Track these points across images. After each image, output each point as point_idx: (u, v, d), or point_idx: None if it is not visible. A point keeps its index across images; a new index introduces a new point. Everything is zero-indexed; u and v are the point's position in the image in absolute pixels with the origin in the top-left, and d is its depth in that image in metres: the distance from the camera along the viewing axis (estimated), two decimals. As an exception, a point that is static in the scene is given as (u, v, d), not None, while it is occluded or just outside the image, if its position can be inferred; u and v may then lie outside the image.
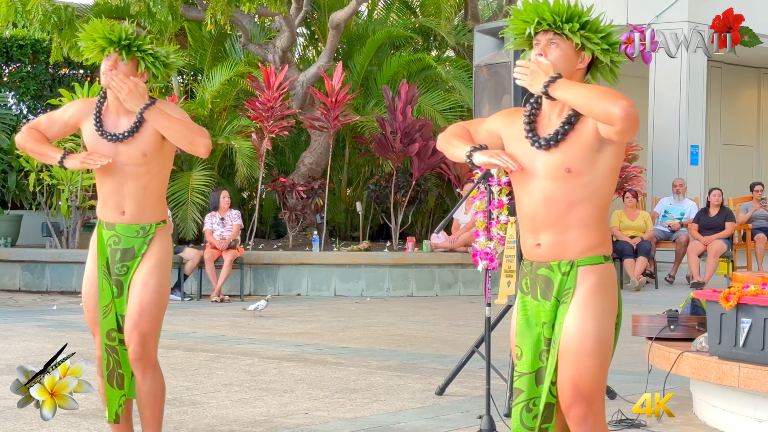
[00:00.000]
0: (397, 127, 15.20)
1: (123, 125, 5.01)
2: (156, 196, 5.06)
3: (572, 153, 3.93)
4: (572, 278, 3.96)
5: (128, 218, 5.02)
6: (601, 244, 3.99)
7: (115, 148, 4.98)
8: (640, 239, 15.96)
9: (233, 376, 8.25)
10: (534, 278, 4.03)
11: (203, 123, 15.77)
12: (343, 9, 15.77)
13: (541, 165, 3.96)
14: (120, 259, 5.02)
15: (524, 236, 4.05)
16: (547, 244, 3.98)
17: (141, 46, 5.04)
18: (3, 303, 13.20)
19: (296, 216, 15.37)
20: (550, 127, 4.00)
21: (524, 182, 4.01)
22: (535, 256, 4.02)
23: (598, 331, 3.93)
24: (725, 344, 6.26)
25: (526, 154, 3.99)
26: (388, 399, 7.44)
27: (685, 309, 7.08)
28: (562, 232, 3.97)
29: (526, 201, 4.01)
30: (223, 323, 11.56)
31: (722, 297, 6.19)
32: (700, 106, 19.04)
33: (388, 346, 10.00)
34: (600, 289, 3.96)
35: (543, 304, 4.01)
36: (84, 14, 15.55)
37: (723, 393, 6.47)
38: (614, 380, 7.65)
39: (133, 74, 5.00)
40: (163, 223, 5.10)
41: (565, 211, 3.96)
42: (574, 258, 3.97)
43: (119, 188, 5.02)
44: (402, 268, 14.75)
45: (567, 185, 3.94)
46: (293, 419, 6.77)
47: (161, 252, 5.06)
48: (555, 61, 3.96)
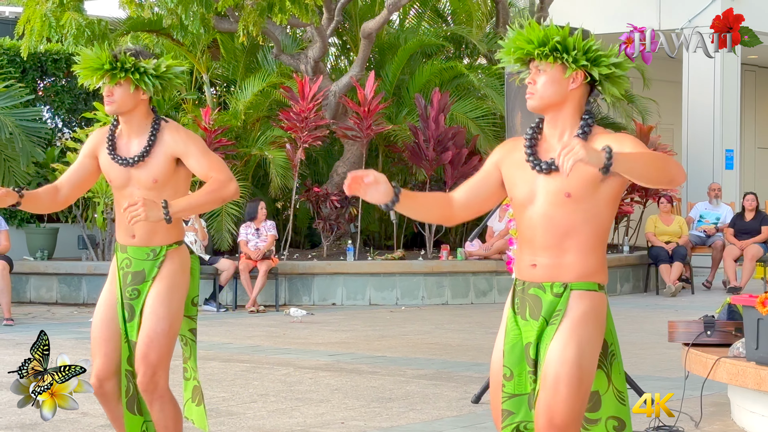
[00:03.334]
0: (429, 136, 15.20)
1: (134, 149, 4.93)
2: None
3: (573, 178, 3.85)
4: (564, 300, 3.89)
5: (138, 241, 4.92)
6: (597, 271, 3.94)
7: (127, 172, 4.91)
8: (675, 244, 15.90)
9: (269, 387, 8.27)
10: (523, 297, 3.97)
11: (236, 135, 15.84)
12: (375, 18, 15.78)
13: (541, 188, 3.92)
14: (131, 282, 4.92)
15: (521, 256, 4.01)
16: (542, 266, 3.93)
17: (124, 65, 4.87)
18: (40, 316, 13.27)
19: (330, 225, 15.39)
20: (551, 152, 3.93)
21: (524, 205, 3.97)
22: (528, 276, 3.96)
23: (579, 360, 3.83)
24: (763, 349, 6.22)
25: (526, 180, 3.96)
26: (425, 408, 7.44)
27: (722, 314, 7.04)
28: (559, 256, 3.91)
29: (525, 223, 3.97)
30: (259, 333, 11.58)
31: (759, 302, 6.16)
32: (734, 110, 18.94)
33: (424, 355, 9.99)
34: (589, 318, 3.89)
35: (530, 324, 3.93)
36: (117, 28, 15.65)
37: (762, 399, 6.43)
38: (651, 386, 7.62)
39: (129, 94, 4.89)
40: (176, 245, 4.96)
41: (563, 235, 3.91)
42: (568, 281, 3.91)
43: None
44: (436, 276, 14.74)
45: (566, 209, 3.89)
46: (329, 429, 6.77)
47: (172, 275, 4.92)
48: (543, 87, 3.94)
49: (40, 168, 15.57)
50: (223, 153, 15.35)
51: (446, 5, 18.51)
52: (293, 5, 13.73)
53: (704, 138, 18.67)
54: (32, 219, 16.31)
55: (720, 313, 7.06)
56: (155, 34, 16.46)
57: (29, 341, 10.87)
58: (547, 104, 3.95)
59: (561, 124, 3.97)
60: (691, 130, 18.77)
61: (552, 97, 3.94)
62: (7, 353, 10.07)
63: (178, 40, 15.15)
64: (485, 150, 15.86)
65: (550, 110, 3.97)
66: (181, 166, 4.90)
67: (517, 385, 3.94)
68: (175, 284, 4.93)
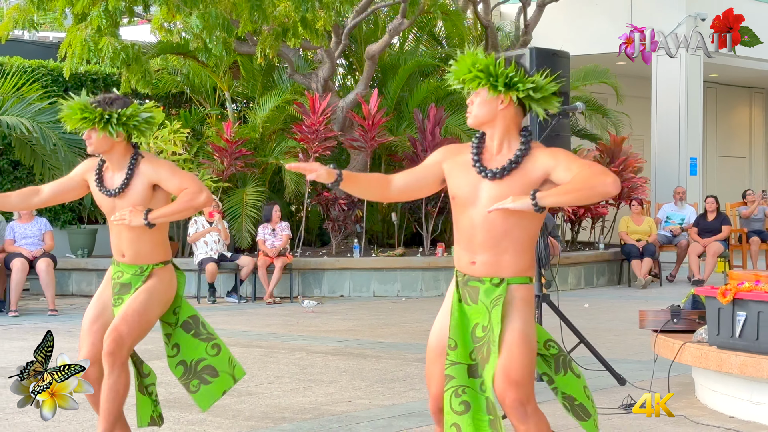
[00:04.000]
0: (426, 146, 15.19)
1: (117, 182, 5.05)
2: (152, 242, 5.02)
3: (516, 187, 3.95)
4: (503, 289, 4.00)
5: (128, 260, 5.04)
6: (530, 267, 4.06)
7: (112, 201, 5.02)
8: (645, 242, 15.90)
9: (284, 369, 8.27)
10: (464, 288, 4.09)
11: (255, 146, 15.84)
12: (378, 42, 15.80)
13: (485, 193, 4.00)
14: (118, 291, 5.03)
15: (460, 252, 4.10)
16: (482, 263, 4.03)
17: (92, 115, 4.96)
18: (81, 307, 13.28)
19: (338, 226, 15.39)
20: (494, 161, 4.05)
21: (465, 206, 4.05)
22: (468, 271, 4.08)
23: (525, 328, 3.98)
24: (723, 335, 6.22)
25: (470, 182, 4.05)
26: (423, 388, 7.43)
27: (687, 304, 7.04)
28: (497, 255, 4.00)
29: (466, 223, 4.06)
30: (275, 322, 11.58)
31: (720, 293, 6.16)
32: (697, 123, 18.94)
33: (422, 341, 9.96)
34: (526, 303, 4.03)
35: (473, 308, 4.05)
36: (149, 51, 15.65)
37: (722, 379, 6.43)
38: (623, 368, 7.61)
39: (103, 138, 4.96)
40: (162, 264, 5.05)
41: (501, 236, 3.98)
42: (505, 277, 4.01)
43: (119, 235, 5.05)
44: (433, 271, 14.73)
45: (505, 214, 3.96)
46: (338, 407, 6.77)
47: (155, 284, 5.01)
48: (477, 107, 4.09)
49: (80, 175, 15.58)
50: (243, 162, 15.36)
51: (441, 30, 18.50)
52: (305, 30, 13.73)
53: (671, 147, 18.67)
54: (74, 221, 16.33)
55: (685, 303, 7.07)
56: (183, 56, 16.46)
57: (71, 329, 10.93)
58: (481, 122, 4.10)
59: (497, 138, 4.08)
60: (659, 140, 18.77)
61: (484, 116, 4.08)
62: (52, 340, 10.08)
63: (202, 61, 15.14)
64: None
65: (485, 127, 4.11)
66: (159, 190, 5.00)
67: (459, 355, 4.04)
68: (156, 289, 5.02)
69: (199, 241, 13.87)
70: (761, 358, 5.97)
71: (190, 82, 17.10)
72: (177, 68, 17.06)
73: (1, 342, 9.94)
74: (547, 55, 7.38)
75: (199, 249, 13.86)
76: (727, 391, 6.40)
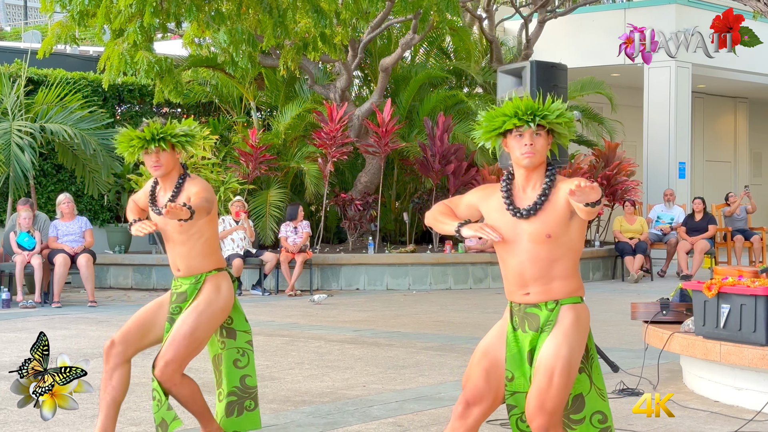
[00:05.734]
0: (435, 151, 15.19)
1: (166, 199, 5.01)
2: (201, 255, 4.95)
3: (550, 221, 3.85)
4: (555, 313, 3.88)
5: (183, 273, 4.98)
6: (579, 288, 3.92)
7: (164, 219, 4.97)
8: (637, 240, 15.87)
9: (304, 356, 8.27)
10: (523, 316, 3.93)
11: (278, 151, 15.85)
12: (391, 55, 15.79)
13: (524, 232, 3.87)
14: (175, 300, 4.96)
15: (511, 288, 3.95)
16: (535, 293, 3.90)
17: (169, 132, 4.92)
18: (118, 299, 13.32)
19: (354, 225, 15.39)
20: (526, 199, 3.92)
21: (509, 246, 3.91)
22: (523, 301, 3.93)
23: (570, 356, 3.81)
24: (709, 326, 6.21)
25: (508, 223, 3.90)
26: (431, 374, 7.44)
27: (675, 297, 7.03)
28: (547, 283, 3.88)
29: (513, 261, 3.91)
30: (296, 313, 11.59)
31: (705, 287, 6.15)
32: (686, 130, 18.88)
33: (431, 330, 9.99)
34: (577, 325, 3.87)
35: (530, 335, 3.91)
36: (180, 64, 15.68)
37: (707, 366, 6.41)
38: (616, 356, 7.60)
39: (171, 157, 4.94)
40: (216, 271, 4.98)
41: (548, 267, 3.87)
42: (558, 298, 3.89)
43: (172, 251, 5.00)
44: (442, 266, 14.72)
45: (548, 246, 3.86)
46: (353, 391, 6.78)
47: (208, 294, 4.92)
48: (542, 148, 3.89)
49: (117, 178, 15.64)
50: (267, 165, 15.37)
51: (449, 44, 18.47)
52: (324, 45, 13.72)
53: (661, 152, 18.62)
54: (111, 220, 16.37)
55: (674, 296, 7.05)
56: (211, 69, 16.49)
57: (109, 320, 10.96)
58: (540, 161, 3.92)
59: (536, 176, 3.93)
60: (651, 146, 18.72)
61: (544, 156, 3.93)
62: (91, 329, 10.12)
63: (230, 73, 15.16)
64: (482, 163, 15.85)
65: (540, 166, 3.94)
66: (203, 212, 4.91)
67: (517, 385, 3.91)
68: (208, 302, 4.91)
69: (227, 239, 13.89)
70: (743, 347, 5.95)
71: (219, 93, 17.13)
72: (206, 80, 17.09)
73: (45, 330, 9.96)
74: (546, 67, 7.38)
75: (226, 246, 13.89)
76: (713, 378, 6.39)
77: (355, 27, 15.33)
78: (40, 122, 14.38)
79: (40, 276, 12.25)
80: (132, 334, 4.98)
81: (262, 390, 6.75)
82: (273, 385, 6.96)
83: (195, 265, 4.96)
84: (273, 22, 12.74)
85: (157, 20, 12.47)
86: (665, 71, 18.39)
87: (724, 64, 19.00)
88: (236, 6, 12.78)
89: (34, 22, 34.48)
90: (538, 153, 3.89)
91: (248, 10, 12.86)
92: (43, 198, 15.52)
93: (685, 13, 18.38)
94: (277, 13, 12.72)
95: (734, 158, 24.88)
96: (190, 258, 4.96)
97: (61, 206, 12.95)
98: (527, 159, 3.89)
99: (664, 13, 18.06)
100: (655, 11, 18.18)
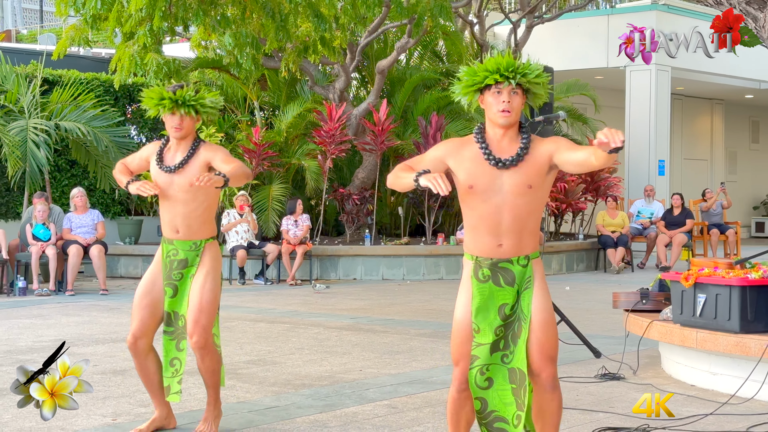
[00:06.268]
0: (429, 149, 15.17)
1: (177, 159, 4.96)
2: (202, 219, 4.94)
3: (531, 172, 3.79)
4: (529, 269, 3.87)
5: (182, 236, 4.94)
6: (539, 242, 3.96)
7: (170, 177, 4.92)
8: (619, 233, 15.88)
9: (304, 342, 8.28)
10: (495, 270, 3.87)
11: (279, 148, 15.83)
12: (387, 58, 15.78)
13: (505, 182, 3.80)
14: (176, 267, 4.94)
15: (483, 238, 3.86)
16: (508, 245, 3.84)
17: (200, 101, 4.95)
18: (128, 288, 13.32)
19: (352, 218, 15.39)
20: (504, 152, 3.84)
21: (486, 195, 3.82)
22: (495, 254, 3.86)
23: (550, 305, 3.91)
24: (686, 314, 6.22)
25: (486, 173, 3.81)
26: (424, 359, 7.44)
27: (655, 287, 7.04)
28: (520, 235, 3.84)
29: (490, 210, 3.82)
30: (297, 301, 11.60)
31: (683, 278, 6.15)
32: (665, 129, 18.90)
33: (424, 318, 10.00)
34: (543, 277, 3.92)
35: (506, 290, 3.87)
36: (188, 65, 15.66)
37: (684, 353, 6.43)
38: (598, 343, 7.61)
39: (193, 122, 4.94)
40: (212, 239, 4.99)
41: (525, 219, 3.83)
42: (528, 253, 3.88)
43: (172, 210, 4.95)
44: (434, 257, 14.73)
45: (527, 198, 3.81)
46: (350, 375, 6.78)
47: (212, 261, 4.96)
48: (517, 107, 3.83)
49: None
50: (270, 162, 15.36)
51: (442, 48, 18.47)
52: (324, 48, 13.73)
53: (642, 151, 18.63)
54: (122, 213, 16.36)
55: (653, 286, 7.06)
56: (217, 70, 16.46)
57: (121, 307, 10.95)
58: (515, 121, 3.86)
59: (510, 134, 3.86)
60: (632, 144, 18.73)
61: (519, 115, 3.87)
62: (103, 316, 10.11)
63: (234, 74, 15.15)
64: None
65: (514, 125, 3.87)
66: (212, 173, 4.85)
67: (483, 336, 3.90)
68: (214, 267, 4.97)
69: (231, 231, 13.89)
70: (718, 334, 5.96)
71: (224, 93, 17.12)
72: (212, 80, 17.07)
73: (59, 317, 9.98)
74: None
75: (231, 238, 13.89)
76: (689, 363, 6.40)
77: (353, 31, 15.31)
78: (55, 120, 14.37)
79: (54, 266, 12.25)
80: (147, 322, 4.98)
81: (263, 374, 6.76)
82: (274, 369, 6.97)
83: (194, 228, 4.94)
84: (275, 26, 12.74)
85: (166, 24, 12.46)
86: (646, 74, 18.39)
87: (702, 67, 19.02)
88: (241, 11, 12.77)
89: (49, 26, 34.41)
90: (514, 111, 3.82)
91: (252, 14, 12.86)
92: (58, 192, 15.50)
93: (665, 19, 18.39)
94: (279, 18, 12.72)
95: (711, 156, 24.91)
96: (191, 219, 4.91)
97: (74, 200, 12.95)
98: (504, 118, 3.82)
99: (645, 19, 18.05)
100: (636, 17, 18.17)
